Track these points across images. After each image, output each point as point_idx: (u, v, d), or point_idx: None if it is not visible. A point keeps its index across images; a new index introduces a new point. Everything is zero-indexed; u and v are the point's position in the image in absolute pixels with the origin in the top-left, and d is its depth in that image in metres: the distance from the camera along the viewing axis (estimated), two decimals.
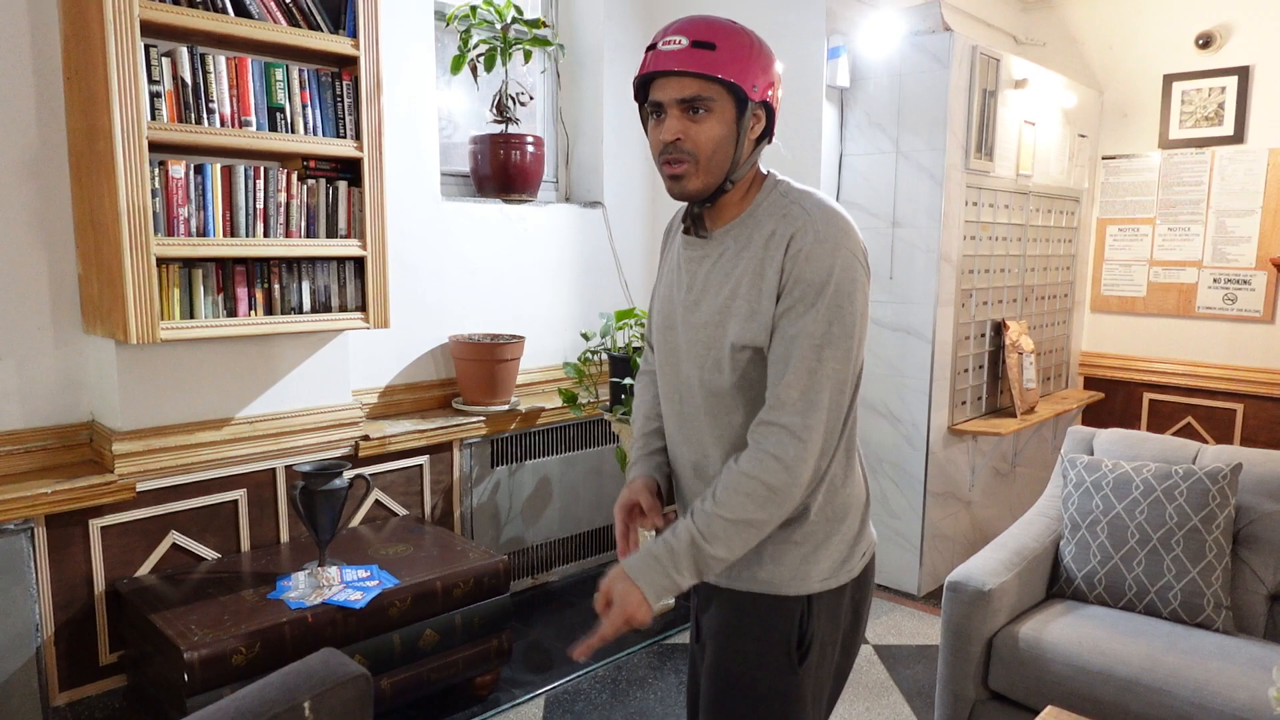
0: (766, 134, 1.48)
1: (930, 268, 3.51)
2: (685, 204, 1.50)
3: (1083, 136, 4.48)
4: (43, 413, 2.57)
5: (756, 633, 1.49)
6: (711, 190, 1.41)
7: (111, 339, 2.47)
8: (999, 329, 3.95)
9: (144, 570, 2.65)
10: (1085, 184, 4.59)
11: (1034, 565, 2.48)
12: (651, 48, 1.37)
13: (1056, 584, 2.55)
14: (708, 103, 1.35)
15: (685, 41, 1.33)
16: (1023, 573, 2.42)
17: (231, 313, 2.59)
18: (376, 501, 3.19)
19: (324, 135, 2.68)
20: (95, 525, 2.54)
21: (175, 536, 2.70)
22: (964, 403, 3.81)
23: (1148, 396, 4.62)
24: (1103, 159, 4.67)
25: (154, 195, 2.38)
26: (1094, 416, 4.70)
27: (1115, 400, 4.70)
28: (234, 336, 2.64)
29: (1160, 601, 2.35)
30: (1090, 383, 4.79)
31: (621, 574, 1.39)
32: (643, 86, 1.41)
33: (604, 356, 3.49)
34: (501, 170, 3.56)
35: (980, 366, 3.90)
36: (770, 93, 1.42)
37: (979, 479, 3.98)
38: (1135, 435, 2.72)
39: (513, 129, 3.56)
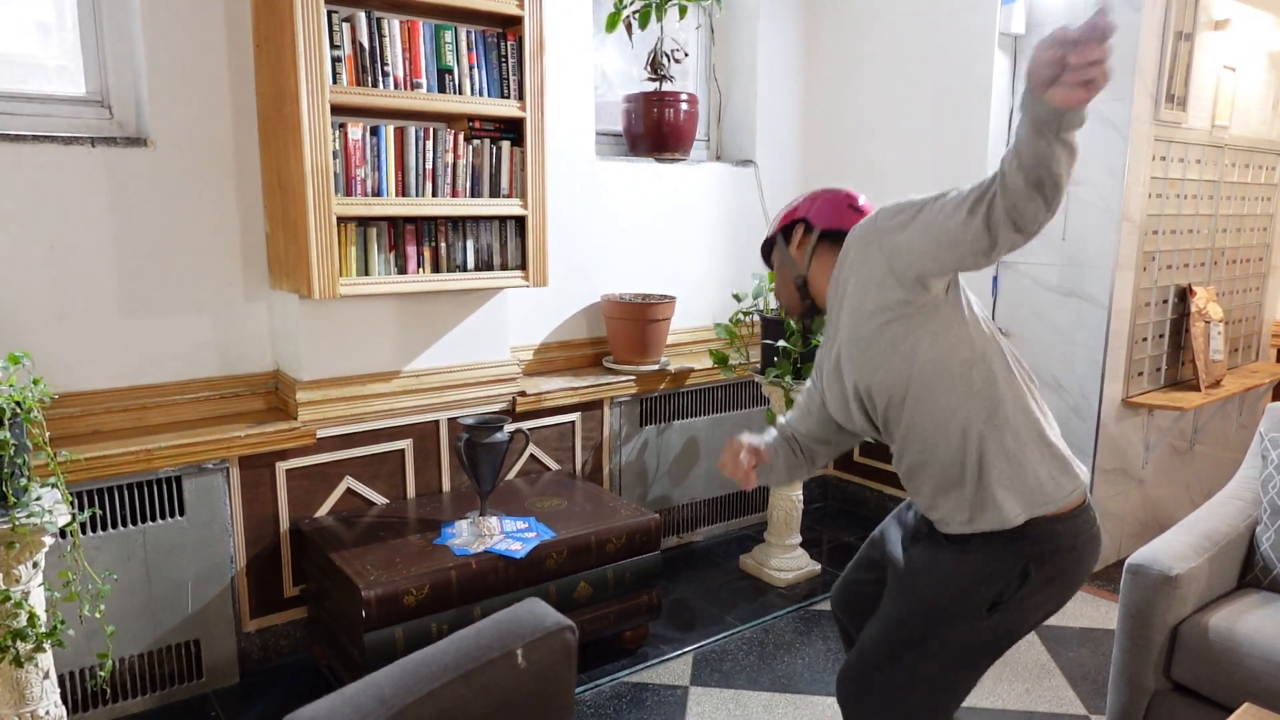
0: (818, 234, 1.83)
1: (1109, 228, 3.27)
2: None
3: None
4: (235, 362, 2.76)
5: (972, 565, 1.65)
6: (798, 308, 1.92)
7: (296, 294, 2.62)
8: (1184, 295, 3.66)
9: (322, 511, 2.83)
10: None
11: (1226, 551, 2.30)
12: None
13: (1250, 573, 2.36)
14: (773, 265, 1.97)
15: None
16: (1214, 558, 2.25)
17: (402, 270, 2.69)
18: (530, 455, 3.28)
19: (489, 96, 2.73)
20: (281, 468, 2.72)
21: (349, 481, 2.87)
22: (1140, 374, 3.55)
23: None
24: None
25: (335, 156, 2.49)
26: None
27: None
28: (404, 293, 2.75)
29: None
30: None
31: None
32: None
33: (756, 318, 3.45)
34: (655, 129, 3.54)
35: (1160, 335, 3.63)
36: (799, 210, 1.87)
37: (1153, 456, 3.72)
38: None
39: (666, 86, 3.53)
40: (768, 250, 1.99)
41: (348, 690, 0.93)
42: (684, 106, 3.54)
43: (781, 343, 3.24)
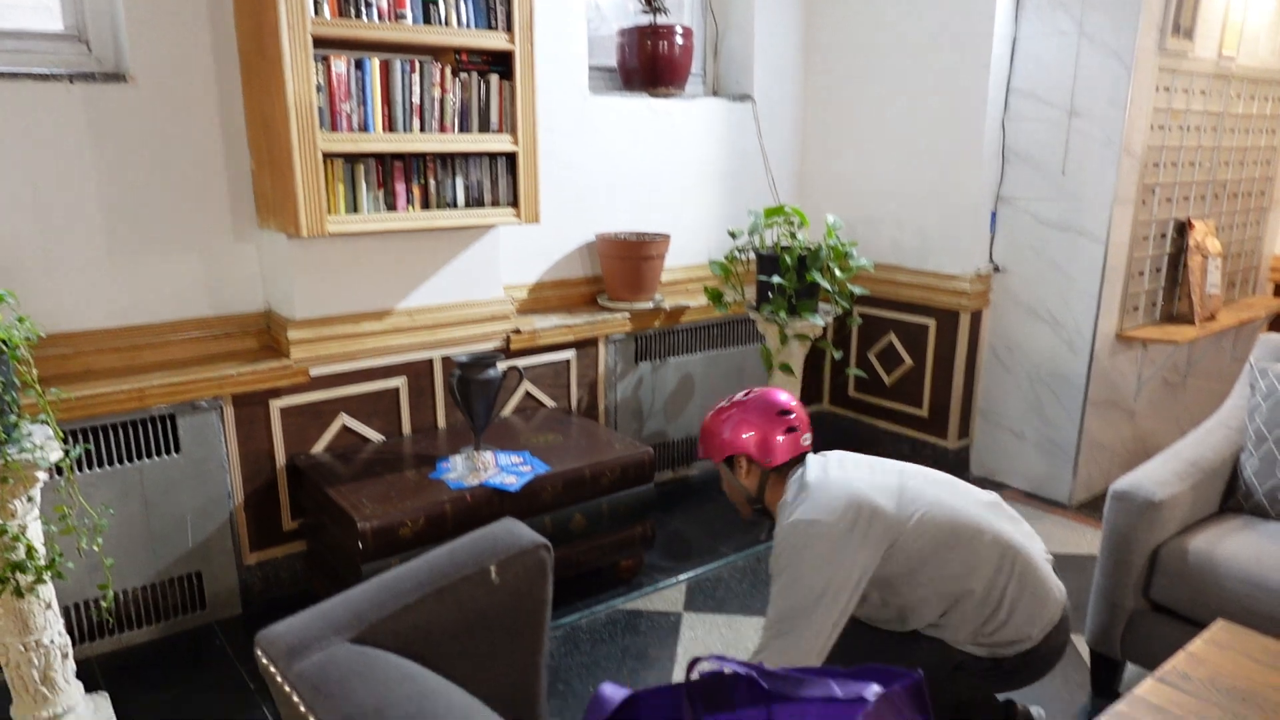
0: (766, 468, 2.01)
1: (1109, 162, 3.23)
2: None
3: None
4: (226, 302, 2.77)
5: None
6: (749, 515, 2.10)
7: (283, 233, 2.61)
8: (1182, 229, 3.63)
9: (318, 448, 2.86)
10: None
11: (1210, 478, 2.33)
12: None
13: (1232, 498, 2.38)
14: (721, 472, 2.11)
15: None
16: (1197, 484, 2.27)
17: (391, 207, 2.68)
18: (526, 393, 3.30)
19: (476, 27, 2.69)
20: (275, 406, 2.75)
21: (345, 419, 2.89)
22: (1136, 308, 3.55)
23: None
24: None
25: (318, 90, 2.46)
26: None
27: None
28: (394, 230, 2.74)
29: None
30: None
31: None
32: None
33: (751, 255, 3.44)
34: (649, 63, 3.48)
35: (1158, 270, 3.61)
36: (739, 444, 2.00)
37: (1145, 389, 3.73)
38: None
39: (661, 20, 3.46)
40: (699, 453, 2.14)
41: (322, 606, 0.95)
42: (678, 40, 3.48)
43: (776, 279, 3.23)
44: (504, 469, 2.69)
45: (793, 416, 1.99)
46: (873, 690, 1.05)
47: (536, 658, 1.09)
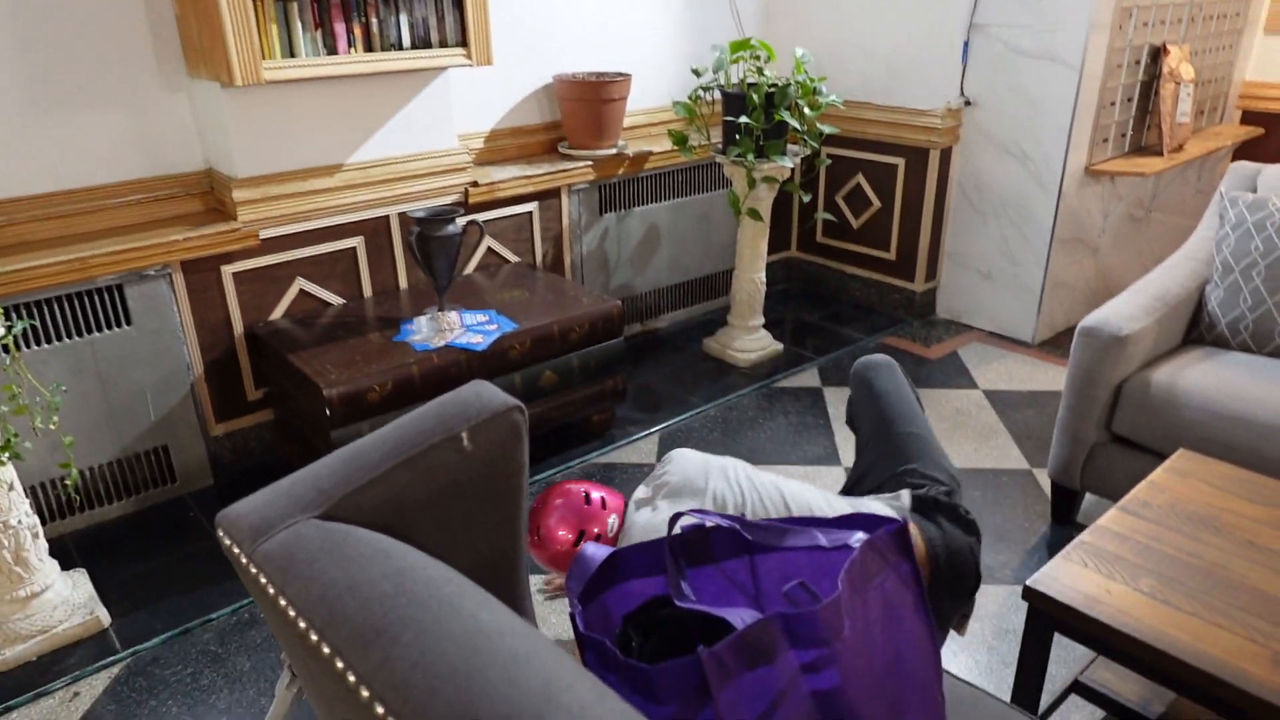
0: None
1: None
2: None
3: None
4: (163, 161, 2.60)
5: None
6: None
7: (216, 81, 2.42)
8: (1156, 55, 3.52)
9: (277, 314, 2.78)
10: None
11: (1175, 311, 2.35)
12: None
13: (1196, 330, 2.42)
14: None
15: None
16: (1163, 318, 2.29)
17: (331, 50, 2.49)
18: (489, 249, 3.21)
19: None
20: (228, 272, 2.64)
21: (302, 283, 2.80)
22: (1105, 140, 3.48)
23: None
24: None
25: None
26: (1249, 156, 4.27)
27: (1278, 138, 4.23)
28: (337, 76, 2.56)
29: None
30: (1249, 117, 4.30)
31: None
32: None
33: (716, 94, 3.28)
34: None
35: (1129, 99, 3.52)
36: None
37: (1110, 224, 3.72)
38: None
39: None
40: None
41: (284, 483, 0.92)
42: None
43: (743, 119, 3.10)
44: (470, 328, 2.64)
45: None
46: (857, 537, 1.06)
47: (515, 524, 1.08)
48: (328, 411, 2.33)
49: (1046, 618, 1.52)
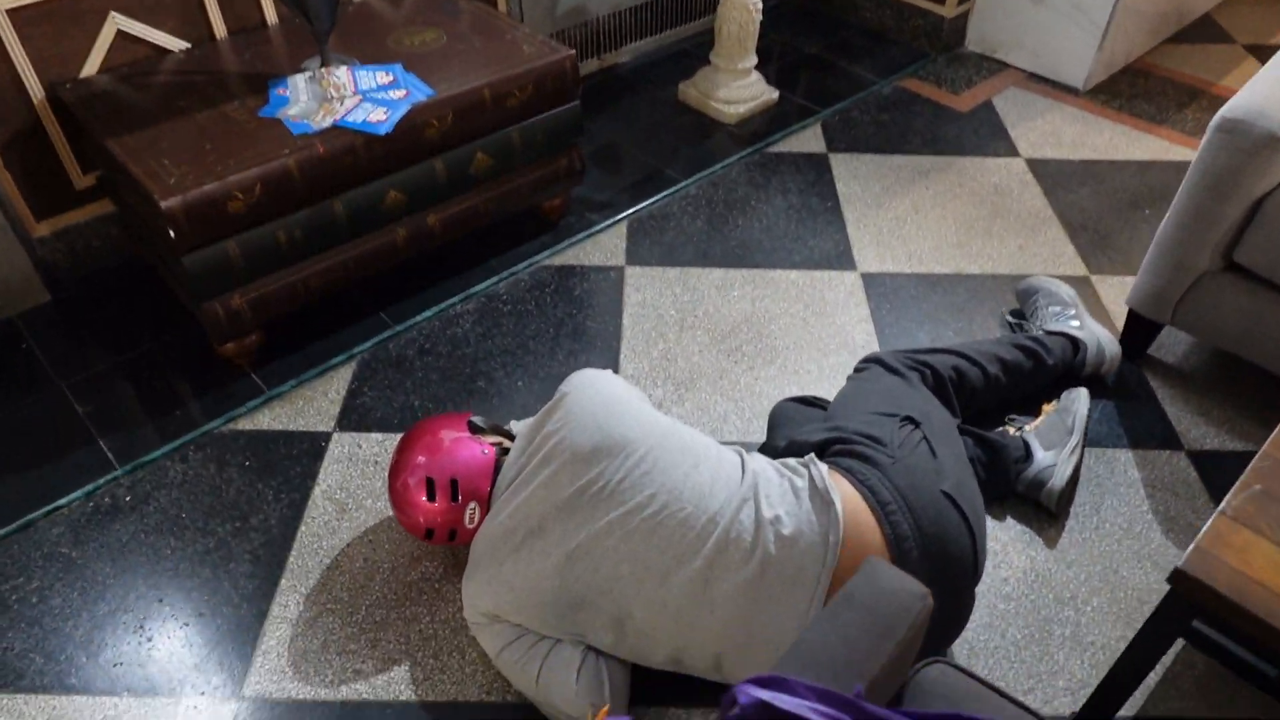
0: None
1: None
2: None
3: None
4: None
5: None
6: None
7: None
8: None
9: (90, 69, 1.97)
10: None
11: None
12: None
13: None
14: None
15: None
16: None
17: None
18: None
19: None
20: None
21: (119, 20, 1.96)
22: None
23: None
24: None
25: None
26: None
27: None
28: None
29: None
30: None
31: None
32: None
33: None
34: None
35: None
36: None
37: None
38: None
39: None
40: None
41: None
42: None
43: None
44: (368, 96, 1.88)
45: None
46: None
47: None
48: (172, 232, 1.65)
49: (1190, 606, 1.09)
